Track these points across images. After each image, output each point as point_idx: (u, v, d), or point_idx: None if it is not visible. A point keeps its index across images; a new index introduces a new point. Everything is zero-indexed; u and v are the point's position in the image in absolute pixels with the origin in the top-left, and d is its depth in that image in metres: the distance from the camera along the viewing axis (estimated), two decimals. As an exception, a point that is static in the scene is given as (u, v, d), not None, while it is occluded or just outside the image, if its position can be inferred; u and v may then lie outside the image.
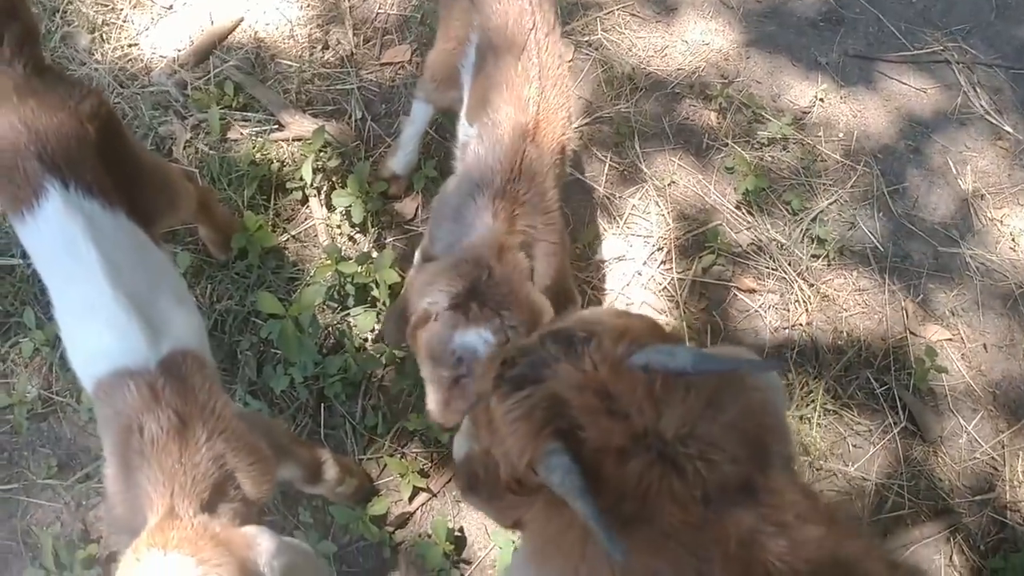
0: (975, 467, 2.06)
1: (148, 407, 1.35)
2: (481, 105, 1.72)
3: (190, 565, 1.18)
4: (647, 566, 0.98)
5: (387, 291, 2.04)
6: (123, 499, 1.37)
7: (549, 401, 1.01)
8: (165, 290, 1.47)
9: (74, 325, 1.46)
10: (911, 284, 2.24)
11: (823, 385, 2.08)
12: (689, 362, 0.98)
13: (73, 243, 1.39)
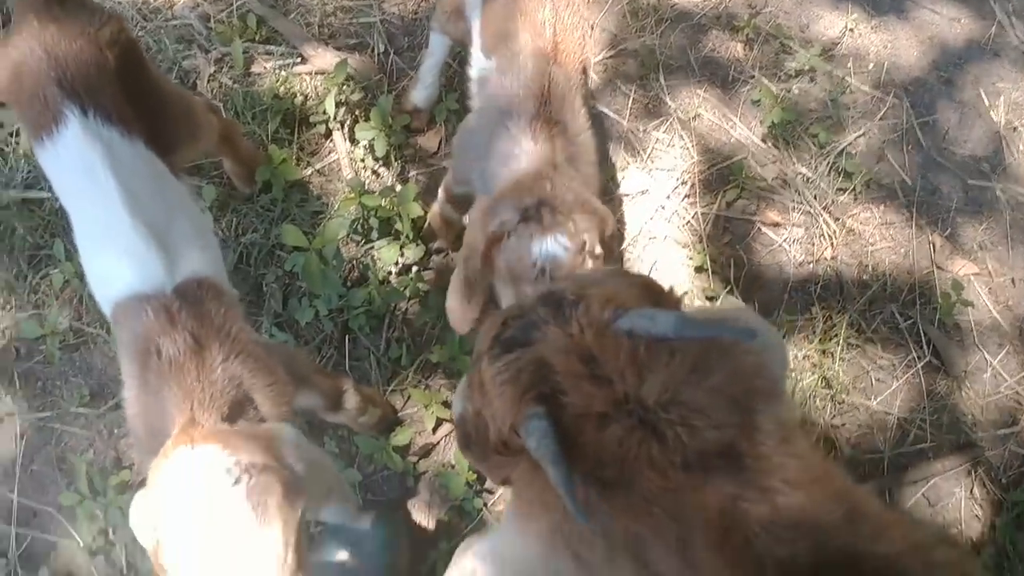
0: (999, 401, 2.05)
1: (164, 330, 1.37)
2: (497, 36, 1.70)
3: (219, 452, 1.19)
4: (627, 529, 0.99)
5: (410, 224, 2.05)
6: (143, 421, 1.40)
7: (535, 365, 1.02)
8: (182, 219, 1.48)
9: (92, 250, 1.48)
10: (939, 218, 2.21)
11: (847, 319, 2.07)
12: (671, 328, 0.98)
13: (91, 170, 1.40)
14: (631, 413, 0.97)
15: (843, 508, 0.96)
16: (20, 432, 1.97)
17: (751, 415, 1.01)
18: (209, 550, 1.11)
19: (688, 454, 0.96)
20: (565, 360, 1.00)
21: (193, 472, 1.17)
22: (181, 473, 1.18)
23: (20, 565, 1.88)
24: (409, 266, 2.10)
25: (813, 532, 0.93)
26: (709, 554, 0.95)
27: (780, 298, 2.11)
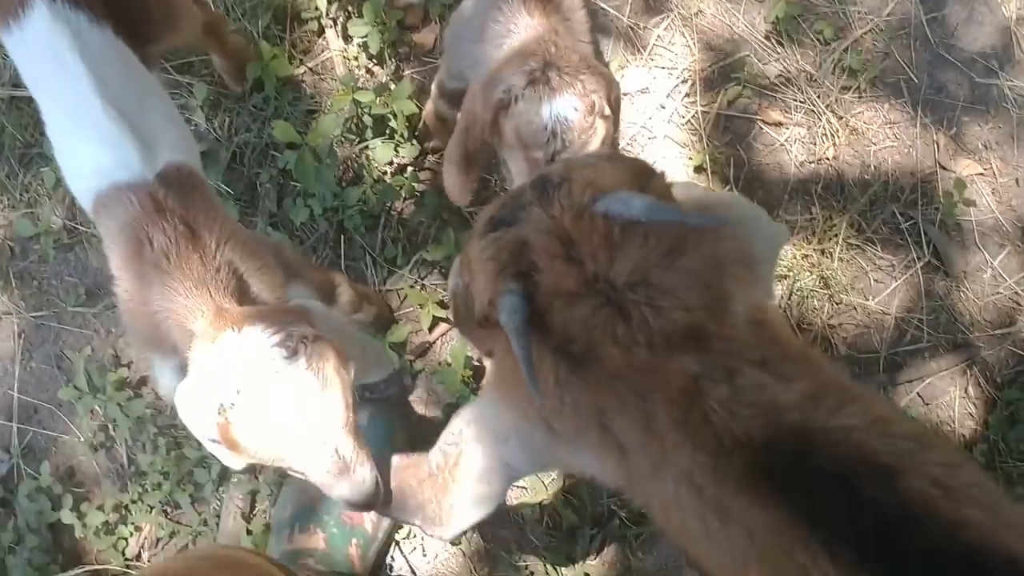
0: (997, 302, 2.04)
1: (153, 218, 1.35)
2: None
3: (267, 330, 1.19)
4: (594, 403, 1.03)
5: (405, 122, 2.01)
6: (143, 314, 1.39)
7: (516, 244, 1.06)
8: (155, 108, 1.46)
9: (67, 142, 1.45)
10: (944, 117, 2.16)
11: (847, 219, 2.05)
12: (642, 211, 1.02)
13: (60, 57, 1.37)
14: (599, 292, 1.01)
15: (806, 387, 0.98)
16: (18, 331, 1.98)
17: (723, 298, 1.03)
18: (280, 420, 1.16)
19: (653, 334, 1.00)
20: (543, 240, 1.04)
21: (248, 352, 1.18)
22: (235, 355, 1.18)
23: (23, 460, 1.90)
24: (404, 165, 2.07)
25: (769, 410, 0.95)
26: (670, 429, 0.99)
27: (780, 198, 2.09)
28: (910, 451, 0.93)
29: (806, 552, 0.89)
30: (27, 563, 1.79)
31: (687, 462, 0.98)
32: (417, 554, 1.86)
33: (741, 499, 0.94)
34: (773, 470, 0.93)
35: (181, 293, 1.33)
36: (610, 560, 1.86)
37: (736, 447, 0.95)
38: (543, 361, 1.04)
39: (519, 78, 1.43)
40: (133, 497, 1.84)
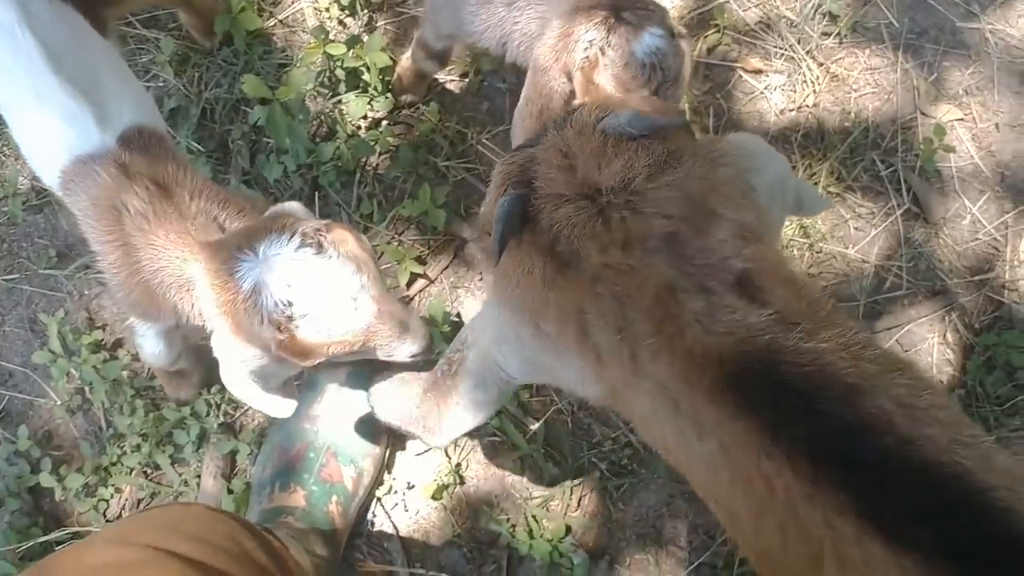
0: (976, 248, 2.04)
1: (123, 185, 1.34)
2: None
3: (279, 238, 1.21)
4: (576, 303, 1.09)
5: (378, 75, 1.98)
6: (135, 283, 1.37)
7: (525, 159, 1.17)
8: (109, 71, 1.43)
9: (23, 120, 1.43)
10: (925, 62, 2.14)
11: (827, 167, 2.03)
12: (626, 121, 1.12)
13: (10, 31, 1.34)
14: (585, 195, 1.10)
15: (783, 309, 1.00)
16: (-11, 294, 1.96)
17: (707, 214, 1.09)
18: (335, 310, 1.21)
19: (630, 235, 1.07)
20: (547, 154, 1.14)
21: (278, 264, 1.19)
22: (267, 272, 1.19)
23: (0, 424, 1.89)
24: (379, 120, 2.04)
25: (740, 329, 0.99)
26: (645, 335, 1.03)
27: (759, 147, 2.07)
28: (877, 373, 0.97)
29: (770, 462, 0.94)
30: (8, 526, 1.78)
31: (662, 372, 1.03)
32: (399, 510, 1.86)
33: (712, 412, 0.99)
34: (741, 385, 0.97)
35: (170, 249, 1.31)
36: (591, 511, 1.87)
37: (708, 362, 0.99)
38: (533, 259, 1.11)
39: (595, 31, 1.40)
40: (112, 459, 1.83)
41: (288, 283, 1.19)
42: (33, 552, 1.76)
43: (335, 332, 1.22)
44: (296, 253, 1.19)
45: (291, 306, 1.19)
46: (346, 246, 1.22)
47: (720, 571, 1.83)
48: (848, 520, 0.90)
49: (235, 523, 1.24)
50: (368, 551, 1.84)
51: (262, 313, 1.20)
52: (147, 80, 2.05)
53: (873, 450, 0.92)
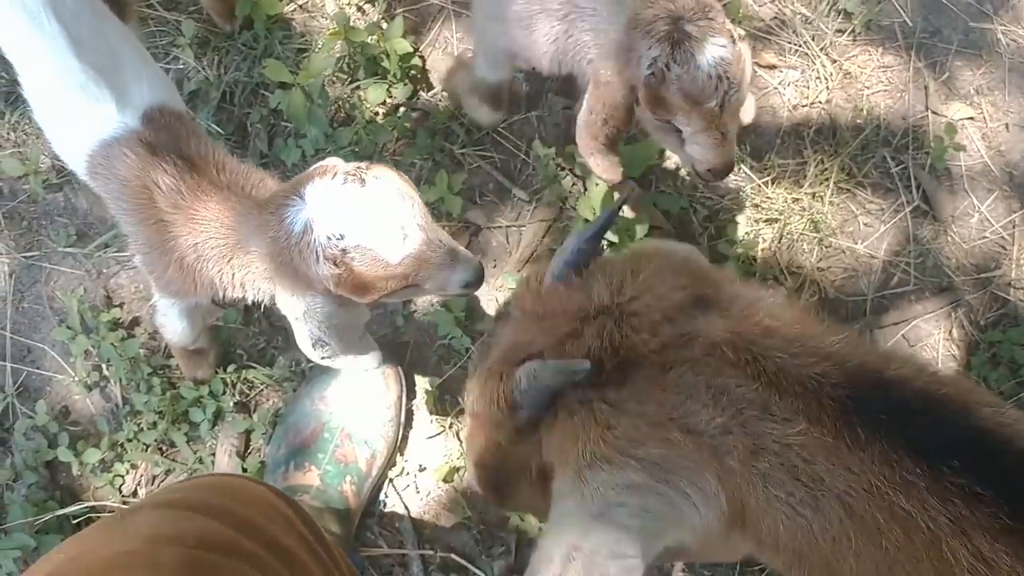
0: (984, 246, 2.07)
1: (152, 163, 1.36)
2: None
3: (324, 182, 1.22)
4: (658, 400, 1.02)
5: (397, 62, 2.00)
6: (172, 259, 1.39)
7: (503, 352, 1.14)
8: (129, 54, 1.45)
9: (48, 107, 1.44)
10: (937, 61, 2.16)
11: (838, 163, 2.06)
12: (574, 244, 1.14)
13: (36, 19, 1.35)
14: (595, 317, 1.06)
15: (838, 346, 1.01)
16: (9, 271, 1.98)
17: (704, 277, 1.11)
18: (388, 239, 1.21)
19: (667, 313, 1.04)
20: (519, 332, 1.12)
21: (326, 202, 1.21)
22: (315, 213, 1.21)
23: (18, 399, 1.91)
24: (397, 106, 2.06)
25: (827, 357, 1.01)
26: (736, 380, 1.00)
27: (772, 142, 2.09)
28: (962, 390, 0.98)
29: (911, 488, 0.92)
30: (25, 499, 1.81)
31: (779, 431, 0.98)
32: (410, 491, 1.89)
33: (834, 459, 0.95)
34: (862, 415, 0.95)
35: (209, 219, 1.34)
36: (600, 497, 1.89)
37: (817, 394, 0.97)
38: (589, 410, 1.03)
39: (659, 48, 1.39)
40: (128, 436, 1.85)
41: (337, 216, 1.20)
42: (49, 525, 1.78)
43: (389, 261, 1.22)
44: (341, 188, 1.21)
45: (343, 238, 1.20)
46: (389, 179, 1.23)
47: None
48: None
49: (264, 487, 1.26)
50: (380, 531, 1.87)
51: (316, 251, 1.21)
52: (167, 62, 2.06)
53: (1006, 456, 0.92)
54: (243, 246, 1.34)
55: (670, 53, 1.39)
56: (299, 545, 1.16)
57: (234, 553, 1.02)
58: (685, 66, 1.39)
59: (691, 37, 1.38)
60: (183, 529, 1.01)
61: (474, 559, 1.86)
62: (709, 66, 1.38)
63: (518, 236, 2.03)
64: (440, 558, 1.86)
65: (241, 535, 1.04)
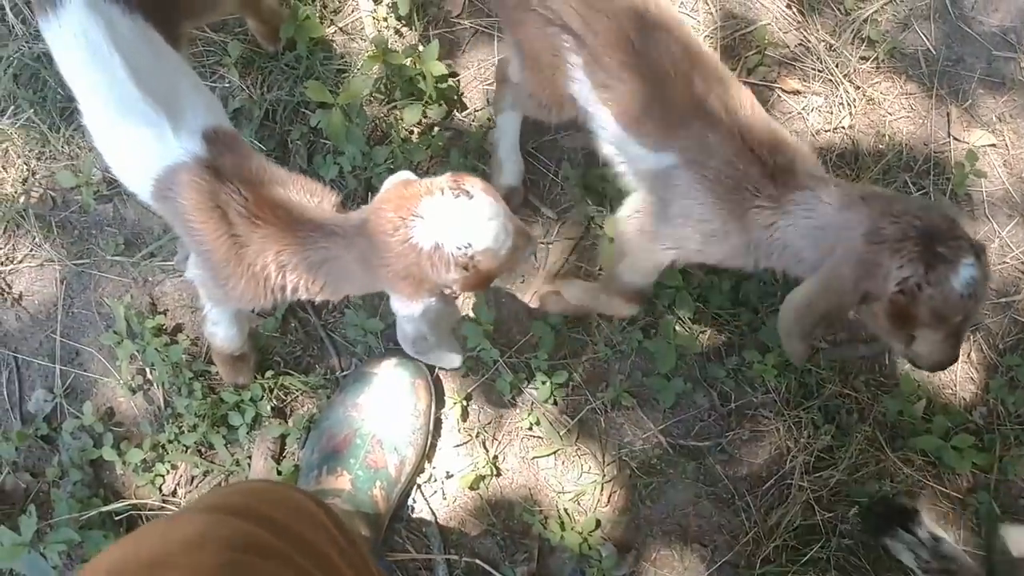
0: (1003, 271, 2.10)
1: (220, 186, 1.44)
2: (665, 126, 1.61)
3: (427, 200, 1.35)
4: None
5: (433, 83, 2.07)
6: (243, 271, 1.49)
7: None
8: (183, 81, 1.54)
9: (109, 134, 1.52)
10: (960, 89, 2.21)
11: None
12: None
13: (96, 47, 1.44)
14: None
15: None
16: (60, 277, 2.08)
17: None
18: (498, 236, 1.37)
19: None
20: None
21: (445, 215, 1.34)
22: (439, 225, 1.35)
23: (66, 400, 2.01)
24: (432, 125, 2.14)
25: None
26: None
27: (795, 165, 2.14)
28: None
29: None
30: (71, 496, 1.89)
31: None
32: (437, 497, 1.96)
33: None
34: None
35: (283, 232, 1.44)
36: (620, 507, 1.95)
37: None
38: None
39: (910, 268, 1.39)
40: (169, 437, 1.94)
41: (461, 229, 1.34)
42: (93, 521, 1.87)
43: (501, 254, 1.39)
44: (456, 203, 1.34)
45: (471, 246, 1.35)
46: (482, 187, 1.38)
47: (742, 570, 1.91)
48: None
49: (302, 494, 1.33)
50: (407, 535, 1.93)
51: (449, 261, 1.36)
52: (213, 80, 2.16)
53: None
54: (334, 258, 1.46)
55: (924, 275, 1.38)
56: (331, 548, 1.23)
57: (269, 555, 1.09)
58: (939, 287, 1.37)
59: (945, 260, 1.37)
60: (222, 533, 1.09)
61: (497, 565, 1.92)
62: (962, 287, 1.38)
63: (546, 253, 2.09)
64: (465, 563, 1.93)
65: (276, 538, 1.12)
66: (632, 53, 1.58)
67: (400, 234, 1.35)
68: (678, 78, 1.56)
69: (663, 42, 1.57)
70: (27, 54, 2.14)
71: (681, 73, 1.56)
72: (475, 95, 2.19)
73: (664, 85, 1.57)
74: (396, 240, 1.36)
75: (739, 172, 1.55)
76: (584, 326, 2.04)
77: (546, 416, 1.99)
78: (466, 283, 1.40)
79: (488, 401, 2.01)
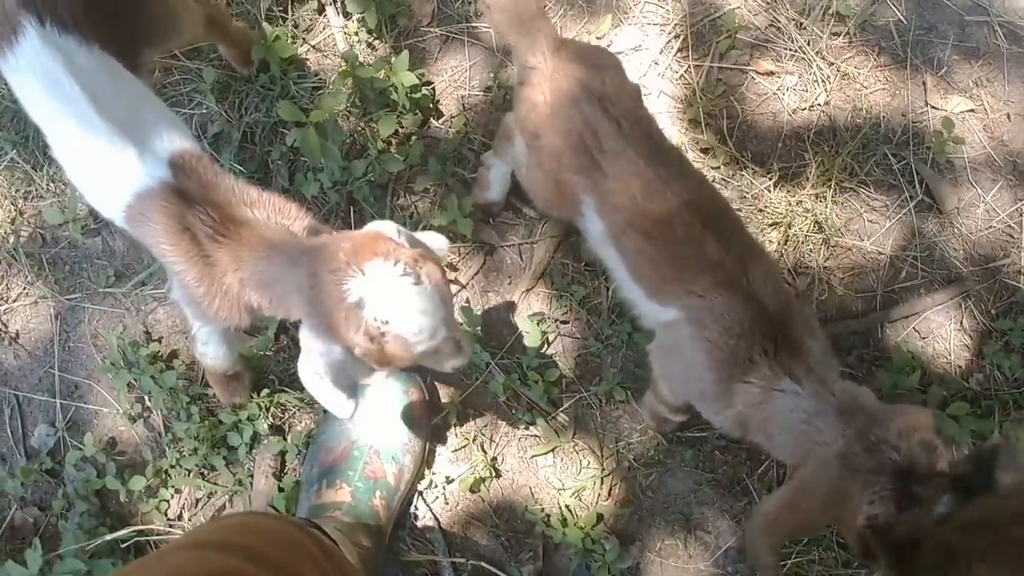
0: (991, 236, 2.09)
1: (187, 209, 1.46)
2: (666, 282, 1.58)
3: (384, 263, 1.34)
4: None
5: (406, 93, 2.09)
6: (217, 290, 1.50)
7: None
8: (146, 107, 1.55)
9: (77, 164, 1.55)
10: (934, 57, 2.20)
11: (840, 163, 2.10)
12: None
13: (56, 80, 1.46)
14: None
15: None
16: (54, 313, 2.11)
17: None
18: (419, 331, 1.36)
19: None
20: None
21: (384, 287, 1.33)
22: (372, 293, 1.33)
23: (67, 433, 2.04)
24: (409, 135, 2.15)
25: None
26: None
27: (774, 147, 2.15)
28: None
29: None
30: (78, 527, 1.92)
31: None
32: (439, 503, 1.97)
33: None
34: None
35: (249, 253, 1.46)
36: (621, 500, 1.96)
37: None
38: None
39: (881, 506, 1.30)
40: (171, 462, 1.96)
41: (389, 304, 1.34)
42: (101, 550, 1.90)
43: (415, 349, 1.38)
44: (399, 280, 1.33)
45: (387, 324, 1.34)
46: (437, 279, 1.38)
47: (747, 554, 1.91)
48: None
49: (286, 523, 1.37)
50: (412, 542, 1.95)
51: (360, 324, 1.35)
52: (191, 107, 2.19)
53: None
54: (278, 280, 1.45)
55: (894, 514, 1.29)
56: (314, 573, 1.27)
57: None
58: (911, 527, 1.28)
59: (918, 501, 1.27)
60: (208, 568, 1.13)
61: (503, 566, 1.93)
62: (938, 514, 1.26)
63: (530, 252, 2.10)
64: (471, 565, 1.94)
65: (258, 569, 1.16)
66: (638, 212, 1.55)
67: (337, 275, 1.34)
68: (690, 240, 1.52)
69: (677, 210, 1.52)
70: (5, 96, 2.17)
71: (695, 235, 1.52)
72: (450, 102, 2.21)
73: (677, 243, 1.53)
74: (331, 278, 1.35)
75: (740, 342, 1.49)
76: (573, 321, 2.05)
77: (541, 414, 2.00)
78: (368, 353, 1.37)
79: (483, 404, 2.02)
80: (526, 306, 2.07)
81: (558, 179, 1.67)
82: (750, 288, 1.50)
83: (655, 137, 1.61)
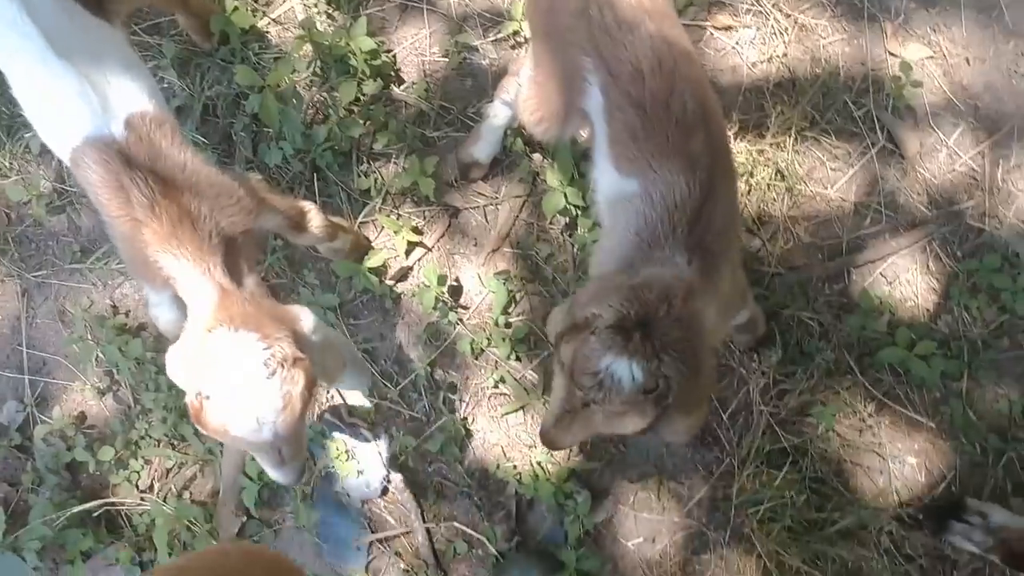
0: (954, 179, 2.09)
1: (128, 173, 1.46)
2: (636, 155, 1.53)
3: (256, 342, 1.34)
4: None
5: (364, 59, 2.09)
6: (139, 252, 1.50)
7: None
8: (111, 58, 1.54)
9: (34, 103, 1.55)
10: (891, 6, 2.20)
11: (799, 111, 2.10)
12: None
13: (13, 21, 1.46)
14: None
15: None
16: (21, 290, 2.11)
17: None
18: (243, 423, 1.33)
19: None
20: None
21: (236, 358, 1.33)
22: (224, 352, 1.33)
23: (36, 408, 2.03)
24: (370, 101, 2.16)
25: None
26: None
27: (735, 100, 2.15)
28: None
29: None
30: (48, 500, 1.92)
31: None
32: (411, 469, 1.96)
33: None
34: None
35: (167, 239, 1.45)
36: (593, 455, 1.95)
37: None
38: None
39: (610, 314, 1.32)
40: (141, 433, 1.96)
41: (226, 375, 1.32)
42: (72, 521, 1.89)
43: (230, 430, 1.35)
44: (252, 362, 1.32)
45: (209, 399, 1.33)
46: (294, 385, 1.34)
47: (719, 502, 1.91)
48: None
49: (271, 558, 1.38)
50: (387, 507, 1.94)
51: (198, 372, 1.35)
52: (154, 84, 2.19)
53: None
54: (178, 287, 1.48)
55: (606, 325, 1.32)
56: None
57: None
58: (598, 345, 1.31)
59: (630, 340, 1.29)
60: None
61: (475, 525, 1.92)
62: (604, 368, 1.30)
63: (495, 213, 2.10)
64: (444, 527, 1.93)
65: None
66: (642, 88, 1.51)
67: (207, 323, 1.36)
68: (678, 124, 1.49)
69: (679, 91, 1.50)
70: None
71: (686, 124, 1.49)
72: (411, 69, 2.21)
73: (662, 124, 1.49)
74: (201, 318, 1.38)
75: (675, 226, 1.46)
76: (539, 279, 2.04)
77: (511, 373, 1.99)
78: (191, 406, 1.36)
79: (452, 364, 2.02)
80: (492, 266, 2.07)
81: (564, 60, 1.62)
82: (711, 198, 1.48)
83: (671, 19, 1.58)
